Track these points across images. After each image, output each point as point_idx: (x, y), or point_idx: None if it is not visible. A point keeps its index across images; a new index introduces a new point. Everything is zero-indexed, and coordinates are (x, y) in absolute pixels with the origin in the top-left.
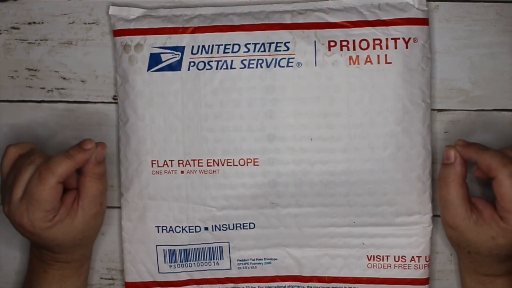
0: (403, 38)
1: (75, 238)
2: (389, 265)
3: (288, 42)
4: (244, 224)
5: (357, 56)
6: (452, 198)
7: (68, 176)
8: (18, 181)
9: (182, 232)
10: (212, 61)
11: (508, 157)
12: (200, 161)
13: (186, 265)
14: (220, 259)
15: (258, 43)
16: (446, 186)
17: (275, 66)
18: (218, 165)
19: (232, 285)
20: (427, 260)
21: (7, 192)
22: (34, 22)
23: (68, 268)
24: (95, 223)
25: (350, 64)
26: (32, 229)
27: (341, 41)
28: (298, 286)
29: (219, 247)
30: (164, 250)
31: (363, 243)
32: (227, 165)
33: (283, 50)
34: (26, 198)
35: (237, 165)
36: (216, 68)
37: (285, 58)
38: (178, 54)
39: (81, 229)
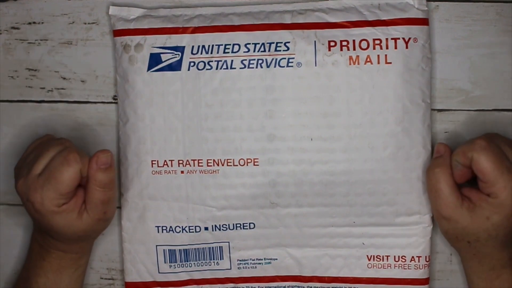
0: (403, 38)
1: (75, 234)
2: (389, 265)
3: (288, 42)
4: (244, 224)
5: (357, 56)
6: (442, 187)
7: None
8: (42, 156)
9: (182, 232)
10: (212, 61)
11: (476, 138)
12: (200, 161)
13: (186, 265)
14: (220, 259)
15: (258, 43)
16: (434, 175)
17: (275, 66)
18: (218, 165)
19: (232, 285)
20: (427, 260)
21: (26, 167)
22: (34, 22)
23: (66, 259)
24: (98, 227)
25: (350, 64)
26: (40, 208)
27: (341, 41)
28: (298, 286)
29: (219, 247)
30: (164, 250)
31: (363, 243)
32: (227, 165)
33: (283, 50)
34: (45, 174)
35: (237, 165)
36: (216, 68)
37: (285, 58)
38: (178, 54)
39: (83, 228)
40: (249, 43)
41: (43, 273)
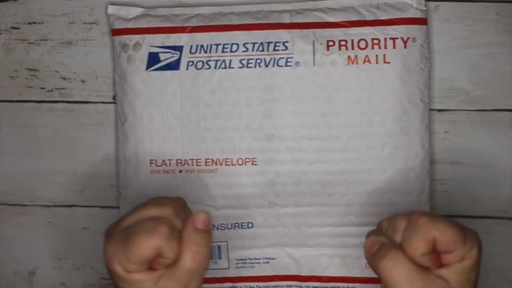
0: (402, 38)
1: None
2: None
3: (287, 42)
4: (243, 224)
5: (356, 56)
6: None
7: None
8: (138, 212)
9: None
10: (210, 61)
11: (413, 220)
12: (198, 161)
13: None
14: (219, 259)
15: (257, 43)
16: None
17: (273, 66)
18: (216, 164)
19: (230, 284)
20: None
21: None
22: (34, 22)
23: None
24: None
25: (348, 63)
26: (108, 264)
27: (339, 41)
28: (296, 286)
29: (218, 246)
30: None
31: (361, 243)
32: (226, 165)
33: (282, 50)
34: (127, 231)
35: (235, 165)
36: (215, 68)
37: (283, 58)
38: (177, 54)
39: None
40: (248, 43)
41: None
